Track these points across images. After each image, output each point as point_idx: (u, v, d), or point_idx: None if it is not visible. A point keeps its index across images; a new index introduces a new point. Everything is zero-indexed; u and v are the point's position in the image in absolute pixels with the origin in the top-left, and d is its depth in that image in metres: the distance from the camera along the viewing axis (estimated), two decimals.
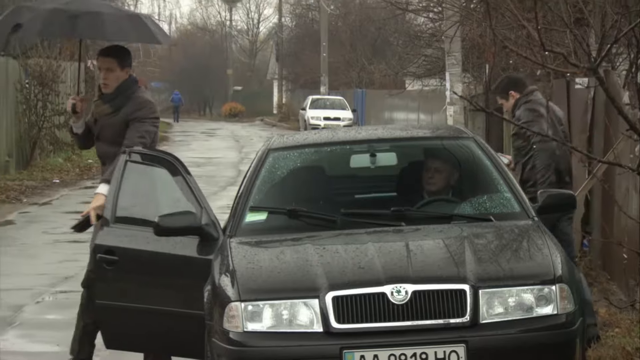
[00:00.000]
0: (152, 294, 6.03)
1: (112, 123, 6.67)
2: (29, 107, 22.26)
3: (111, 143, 6.65)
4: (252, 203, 6.02)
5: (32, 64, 22.62)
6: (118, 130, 6.64)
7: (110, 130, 6.65)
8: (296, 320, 5.09)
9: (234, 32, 75.31)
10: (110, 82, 6.60)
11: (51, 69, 22.55)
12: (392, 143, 6.54)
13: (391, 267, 5.18)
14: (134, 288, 6.07)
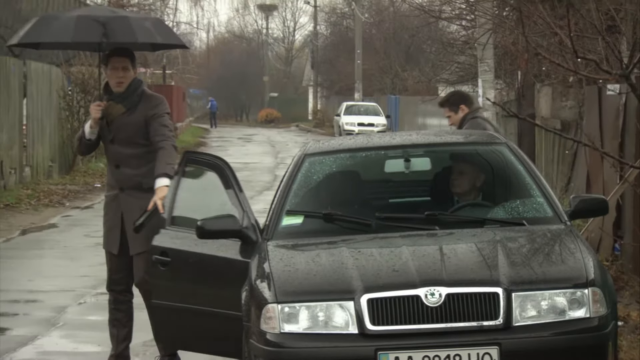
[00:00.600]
0: (199, 295, 6.09)
1: (128, 122, 6.59)
2: (72, 113, 22.45)
3: (127, 144, 6.60)
4: (288, 207, 6.04)
5: (74, 71, 22.81)
6: (135, 130, 6.58)
7: (127, 130, 6.59)
8: (332, 322, 5.10)
9: (270, 40, 75.54)
10: (126, 80, 6.60)
11: (93, 77, 22.71)
12: (426, 148, 6.54)
13: (425, 270, 5.17)
14: (183, 289, 6.15)
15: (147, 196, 6.51)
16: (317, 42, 60.62)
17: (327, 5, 60.47)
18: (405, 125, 39.40)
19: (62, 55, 24.68)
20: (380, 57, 45.27)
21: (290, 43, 77.09)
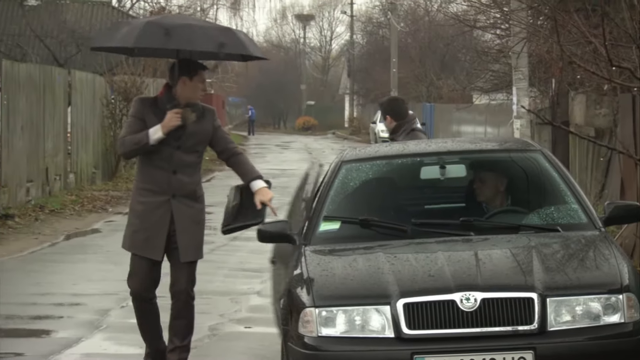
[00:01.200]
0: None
1: (198, 131, 6.63)
2: (114, 121, 22.62)
3: (190, 152, 6.65)
4: (326, 213, 6.05)
5: (117, 80, 23.00)
6: (202, 138, 6.67)
7: (195, 138, 6.65)
8: (368, 326, 5.10)
9: (307, 49, 75.68)
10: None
11: (135, 85, 22.89)
12: (461, 155, 6.53)
13: (460, 276, 5.16)
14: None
15: (197, 205, 6.59)
16: (354, 51, 60.64)
17: (363, 15, 60.49)
18: (440, 132, 39.28)
19: (105, 64, 24.89)
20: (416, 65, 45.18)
21: (327, 52, 77.16)
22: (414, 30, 46.78)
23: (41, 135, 17.73)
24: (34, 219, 15.58)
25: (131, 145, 6.54)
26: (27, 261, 12.13)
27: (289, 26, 77.06)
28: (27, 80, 17.02)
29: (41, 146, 17.74)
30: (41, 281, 10.75)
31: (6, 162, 15.95)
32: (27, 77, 17.07)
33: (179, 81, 6.59)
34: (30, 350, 7.76)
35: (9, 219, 14.96)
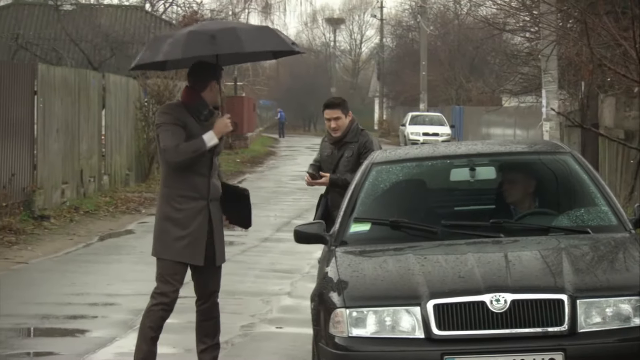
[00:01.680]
0: None
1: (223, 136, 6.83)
2: (147, 124, 22.75)
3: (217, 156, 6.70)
4: (356, 214, 6.06)
5: (150, 83, 23.11)
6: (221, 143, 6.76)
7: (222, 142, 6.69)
8: (398, 327, 5.09)
9: (337, 53, 75.71)
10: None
11: (168, 88, 22.99)
12: (491, 157, 6.51)
13: (490, 277, 5.14)
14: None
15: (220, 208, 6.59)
16: (383, 54, 60.59)
17: (393, 19, 60.43)
18: (469, 135, 39.16)
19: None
20: (445, 68, 45.08)
21: (357, 55, 77.16)
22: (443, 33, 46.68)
23: (76, 137, 17.85)
24: (68, 220, 15.69)
25: (189, 153, 6.36)
26: (62, 262, 12.22)
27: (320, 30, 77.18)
28: (62, 84, 17.14)
29: (76, 148, 17.86)
30: (76, 281, 10.82)
31: (42, 164, 16.08)
32: (62, 80, 17.20)
33: (208, 85, 6.52)
34: (65, 349, 7.82)
35: (45, 220, 15.07)
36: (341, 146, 7.64)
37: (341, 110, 7.68)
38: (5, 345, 7.87)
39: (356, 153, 7.56)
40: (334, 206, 7.38)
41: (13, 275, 11.16)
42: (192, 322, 8.73)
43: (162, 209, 6.49)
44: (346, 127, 7.65)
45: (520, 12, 15.36)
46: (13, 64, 18.39)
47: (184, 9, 32.72)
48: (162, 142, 6.38)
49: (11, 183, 14.52)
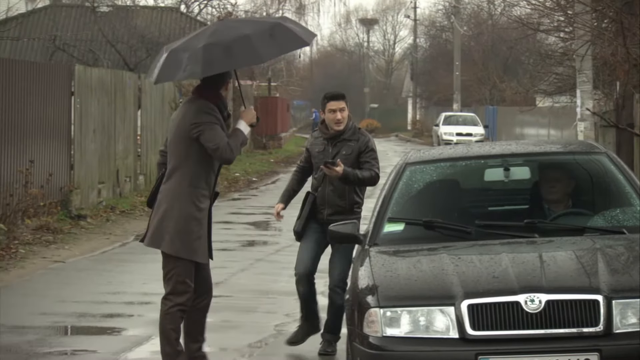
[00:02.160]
0: None
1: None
2: None
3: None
4: (390, 214, 6.05)
5: (185, 84, 23.20)
6: None
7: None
8: (433, 327, 5.08)
9: (371, 53, 75.63)
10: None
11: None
12: (525, 157, 6.47)
13: (525, 277, 5.12)
14: None
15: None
16: (417, 55, 60.45)
17: (426, 19, 60.27)
18: (503, 135, 38.96)
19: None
20: (479, 68, 44.88)
21: (390, 55, 77.03)
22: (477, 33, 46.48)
23: (112, 137, 17.97)
24: (105, 219, 15.79)
25: (239, 147, 6.44)
26: (99, 261, 12.30)
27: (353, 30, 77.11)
28: (98, 85, 17.26)
29: (112, 149, 17.98)
30: (112, 280, 10.89)
31: (79, 165, 16.20)
32: (98, 81, 17.32)
33: (225, 84, 6.50)
34: (102, 347, 7.87)
35: (82, 220, 15.18)
36: (337, 143, 7.22)
37: (345, 103, 7.28)
38: (43, 344, 7.94)
39: (356, 152, 7.20)
40: (325, 204, 7.20)
41: (51, 274, 11.25)
42: (228, 321, 8.79)
43: (186, 208, 6.37)
44: (348, 122, 7.29)
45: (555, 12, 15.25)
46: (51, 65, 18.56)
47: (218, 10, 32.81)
48: (212, 142, 6.29)
49: (49, 183, 14.64)
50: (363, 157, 7.20)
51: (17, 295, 9.98)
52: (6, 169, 13.48)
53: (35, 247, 12.77)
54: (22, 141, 14.08)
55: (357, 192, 7.30)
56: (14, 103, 13.89)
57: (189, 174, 6.39)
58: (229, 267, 11.70)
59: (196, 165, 6.40)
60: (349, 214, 7.18)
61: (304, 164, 7.46)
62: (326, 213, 7.25)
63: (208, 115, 6.35)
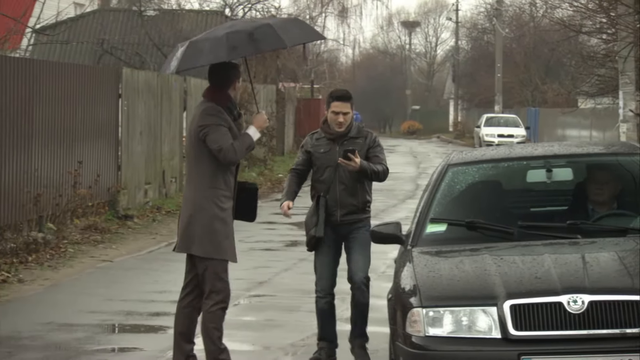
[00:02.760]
0: None
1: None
2: None
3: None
4: (432, 215, 6.04)
5: None
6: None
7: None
8: (475, 327, 5.06)
9: (412, 55, 75.42)
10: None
11: (246, 91, 23.14)
12: (568, 159, 6.42)
13: (567, 278, 5.08)
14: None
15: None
16: (458, 57, 60.18)
17: (468, 21, 59.97)
18: (544, 136, 38.67)
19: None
20: (520, 70, 44.59)
21: (432, 58, 76.76)
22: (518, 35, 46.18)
23: (158, 139, 18.10)
24: (151, 219, 15.91)
25: (245, 151, 6.51)
26: (145, 260, 12.39)
27: (395, 33, 76.91)
28: (145, 87, 17.40)
29: (158, 150, 18.11)
30: (159, 279, 10.97)
31: (126, 166, 16.33)
32: (145, 84, 17.46)
33: (232, 84, 6.52)
34: (148, 345, 7.93)
35: (129, 220, 15.31)
36: (344, 142, 6.98)
37: (351, 105, 7.05)
38: (91, 341, 8.01)
39: (365, 149, 6.98)
40: (338, 205, 6.92)
41: (98, 272, 11.36)
42: (271, 320, 8.83)
43: (210, 209, 6.42)
44: (349, 123, 7.04)
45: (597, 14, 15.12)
46: (99, 68, 18.75)
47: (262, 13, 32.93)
48: (216, 143, 6.35)
49: (97, 183, 14.79)
50: (372, 152, 6.99)
51: (66, 294, 10.09)
52: (56, 170, 13.63)
53: (83, 247, 12.90)
54: (71, 143, 14.24)
55: (367, 191, 7.05)
56: (64, 106, 14.05)
57: (206, 176, 6.44)
58: (273, 266, 11.74)
59: (211, 166, 6.44)
60: (361, 213, 6.99)
61: (302, 167, 7.13)
62: (339, 214, 6.95)
63: (213, 117, 6.41)
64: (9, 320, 8.70)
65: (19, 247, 11.66)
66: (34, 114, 13.06)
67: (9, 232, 12.03)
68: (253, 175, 23.52)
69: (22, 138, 12.70)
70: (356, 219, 6.95)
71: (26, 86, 12.86)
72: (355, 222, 6.96)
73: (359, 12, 53.63)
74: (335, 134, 7.01)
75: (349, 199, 6.96)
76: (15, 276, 10.70)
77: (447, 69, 70.89)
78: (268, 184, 22.87)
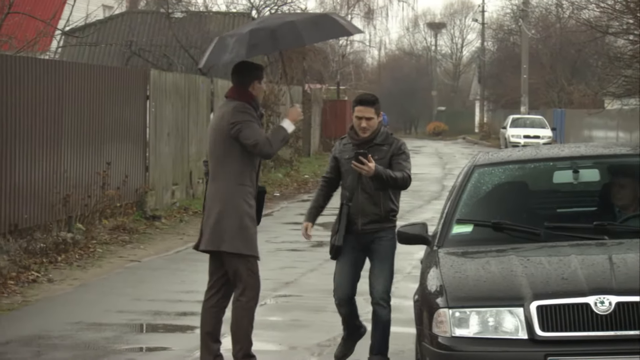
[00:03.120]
0: None
1: None
2: None
3: None
4: (458, 216, 6.02)
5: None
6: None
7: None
8: (501, 327, 5.05)
9: (438, 57, 75.25)
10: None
11: (273, 93, 23.18)
12: (595, 160, 6.39)
13: (594, 279, 5.05)
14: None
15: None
16: (484, 58, 59.98)
17: (494, 23, 59.75)
18: (571, 137, 38.46)
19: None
20: (547, 71, 44.38)
21: (457, 59, 76.55)
22: (545, 36, 45.96)
23: (185, 140, 18.16)
24: (178, 220, 15.97)
25: (280, 143, 6.51)
26: (173, 260, 12.44)
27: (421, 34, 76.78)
28: (173, 89, 17.47)
29: (185, 151, 18.18)
30: (186, 279, 11.01)
31: (154, 167, 16.41)
32: (173, 85, 17.52)
33: (251, 84, 6.55)
34: (176, 344, 7.96)
35: (156, 220, 15.38)
36: (369, 148, 6.66)
37: (374, 110, 6.71)
38: (120, 340, 8.06)
39: (388, 156, 6.68)
40: (359, 213, 6.65)
41: (127, 272, 11.42)
42: (297, 320, 8.83)
43: (240, 206, 6.46)
44: (376, 128, 6.72)
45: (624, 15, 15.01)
46: (127, 70, 18.83)
47: None
48: (250, 138, 6.38)
49: (125, 184, 14.86)
50: (395, 159, 6.65)
51: (95, 293, 10.15)
52: (85, 171, 13.71)
53: (112, 247, 12.97)
54: (100, 144, 14.32)
55: (392, 199, 6.73)
56: (93, 107, 14.13)
57: (234, 173, 6.49)
58: (299, 267, 11.75)
59: (239, 163, 6.50)
60: (385, 222, 6.70)
61: (330, 175, 6.88)
62: (361, 223, 6.68)
63: (244, 114, 6.46)
64: (39, 320, 8.76)
65: (49, 247, 11.74)
66: (63, 116, 13.15)
67: (38, 232, 12.12)
68: (279, 176, 23.55)
69: (52, 139, 12.80)
70: (379, 228, 6.69)
71: (56, 88, 12.95)
72: (378, 231, 6.70)
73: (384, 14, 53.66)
74: (360, 139, 6.72)
75: (371, 208, 6.68)
76: (45, 276, 10.78)
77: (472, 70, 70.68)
78: (294, 184, 22.89)
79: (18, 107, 11.97)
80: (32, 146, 12.23)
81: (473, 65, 70.04)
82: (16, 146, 11.88)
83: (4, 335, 8.11)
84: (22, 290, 10.07)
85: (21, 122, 12.03)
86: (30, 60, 12.78)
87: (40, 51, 17.91)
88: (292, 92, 25.33)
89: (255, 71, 6.56)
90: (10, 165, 11.75)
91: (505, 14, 54.05)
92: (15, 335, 8.16)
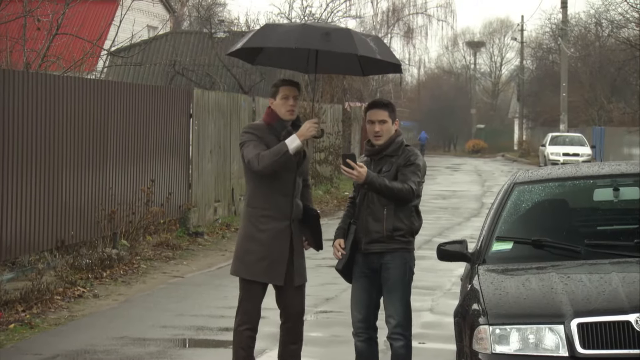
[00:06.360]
0: None
1: (309, 156, 6.72)
2: None
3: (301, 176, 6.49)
4: (498, 233, 6.00)
5: None
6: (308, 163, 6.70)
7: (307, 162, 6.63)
8: (542, 344, 5.01)
9: (477, 75, 75.06)
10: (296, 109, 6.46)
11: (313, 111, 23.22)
12: (635, 178, 6.33)
13: (635, 297, 5.00)
14: None
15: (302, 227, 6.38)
16: (523, 76, 59.71)
17: (533, 41, 59.52)
18: (610, 155, 38.14)
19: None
20: (586, 89, 44.10)
21: (496, 77, 76.29)
22: (584, 55, 45.68)
23: (227, 158, 18.26)
24: (220, 236, 16.03)
25: (272, 157, 6.12)
26: (215, 276, 12.48)
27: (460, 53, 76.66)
28: (215, 107, 17.59)
29: (227, 168, 18.27)
30: (228, 295, 11.03)
31: (196, 184, 16.51)
32: (215, 104, 17.65)
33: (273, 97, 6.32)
34: None
35: (199, 237, 15.46)
36: (379, 160, 6.15)
37: (388, 114, 6.16)
38: (164, 355, 8.09)
39: (395, 168, 6.08)
40: (362, 232, 6.11)
41: (170, 288, 11.48)
42: (337, 336, 8.82)
43: (246, 228, 6.33)
44: (390, 137, 6.17)
45: None
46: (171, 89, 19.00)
47: None
48: (246, 157, 6.27)
49: (168, 201, 14.97)
50: (402, 170, 6.03)
51: (139, 309, 10.21)
52: (129, 188, 13.84)
53: (155, 263, 13.05)
54: (144, 161, 14.45)
55: (399, 217, 6.05)
56: (137, 125, 14.27)
57: (247, 195, 6.44)
58: (340, 283, 11.67)
59: (250, 185, 6.39)
60: (390, 242, 6.03)
61: (355, 194, 6.29)
62: (364, 242, 6.08)
63: (244, 135, 6.38)
64: (84, 335, 8.83)
65: (94, 263, 11.84)
66: (109, 134, 13.29)
67: (84, 248, 12.23)
68: (319, 194, 23.57)
69: (98, 157, 12.93)
70: (383, 250, 6.04)
71: (102, 107, 13.10)
72: (383, 253, 6.05)
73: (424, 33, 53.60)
74: (373, 150, 6.16)
75: (373, 225, 6.04)
76: (91, 291, 10.87)
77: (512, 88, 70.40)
78: (334, 201, 22.89)
79: (65, 126, 12.12)
80: (79, 164, 12.37)
81: (512, 83, 69.77)
82: (63, 164, 12.03)
83: (51, 350, 8.18)
84: (69, 305, 10.17)
85: (68, 140, 12.18)
86: (77, 80, 12.94)
87: (87, 71, 18.12)
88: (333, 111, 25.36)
89: (271, 89, 6.42)
90: (57, 183, 11.90)
91: (544, 32, 53.86)
92: (62, 349, 8.23)
